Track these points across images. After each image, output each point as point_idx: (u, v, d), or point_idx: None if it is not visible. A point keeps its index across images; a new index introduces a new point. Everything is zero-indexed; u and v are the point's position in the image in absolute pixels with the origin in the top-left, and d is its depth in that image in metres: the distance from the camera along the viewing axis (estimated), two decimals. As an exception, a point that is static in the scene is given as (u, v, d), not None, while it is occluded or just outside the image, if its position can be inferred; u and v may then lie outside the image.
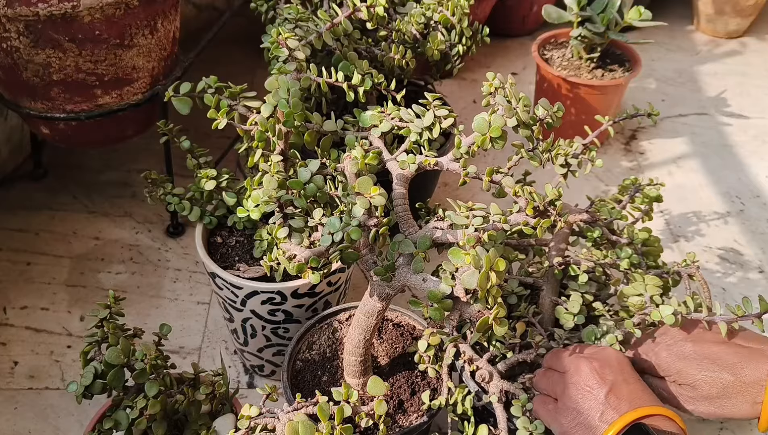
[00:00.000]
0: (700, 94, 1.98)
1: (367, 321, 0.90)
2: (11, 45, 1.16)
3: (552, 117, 0.90)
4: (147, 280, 1.41)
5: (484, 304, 0.75)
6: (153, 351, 0.88)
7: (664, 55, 2.14)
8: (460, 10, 1.28)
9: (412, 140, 0.92)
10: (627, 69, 1.67)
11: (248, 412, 0.81)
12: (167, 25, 1.29)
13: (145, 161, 1.68)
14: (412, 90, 1.41)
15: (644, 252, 1.06)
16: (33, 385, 1.23)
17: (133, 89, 1.29)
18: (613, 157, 1.74)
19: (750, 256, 1.49)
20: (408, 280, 0.82)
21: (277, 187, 0.86)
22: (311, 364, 1.03)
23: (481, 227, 0.79)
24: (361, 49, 1.23)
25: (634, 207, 1.11)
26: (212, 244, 1.15)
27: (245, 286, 1.06)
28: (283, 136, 0.94)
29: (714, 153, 1.77)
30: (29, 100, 1.26)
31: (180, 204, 1.14)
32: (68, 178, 1.63)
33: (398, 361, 1.03)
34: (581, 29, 1.59)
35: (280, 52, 1.02)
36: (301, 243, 0.84)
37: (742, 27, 2.19)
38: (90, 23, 1.16)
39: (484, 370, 0.91)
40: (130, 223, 1.53)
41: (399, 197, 0.86)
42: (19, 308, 1.35)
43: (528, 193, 0.86)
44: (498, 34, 2.12)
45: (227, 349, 1.30)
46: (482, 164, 1.72)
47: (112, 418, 0.86)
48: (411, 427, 0.94)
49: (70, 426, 1.17)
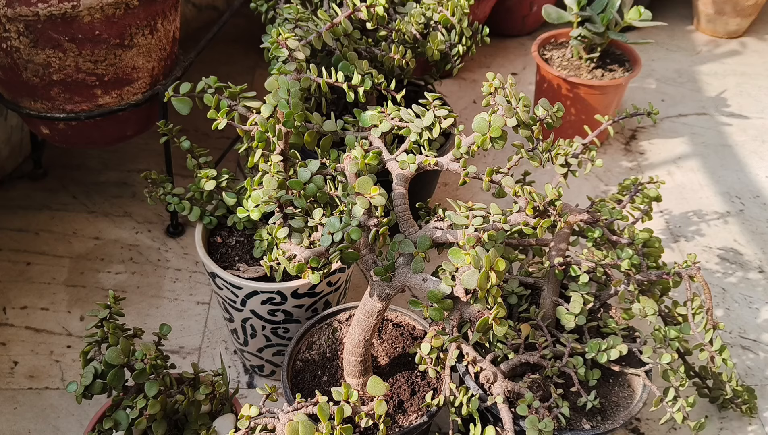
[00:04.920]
0: (700, 94, 1.98)
1: (367, 321, 0.90)
2: (11, 45, 1.16)
3: (552, 117, 0.90)
4: (147, 280, 1.41)
5: (484, 304, 0.75)
6: (153, 351, 0.88)
7: (664, 55, 2.14)
8: (460, 10, 1.28)
9: (412, 140, 0.92)
10: (627, 69, 1.67)
11: (248, 412, 0.81)
12: (167, 25, 1.29)
13: (145, 161, 1.68)
14: (412, 90, 1.41)
15: (645, 253, 1.06)
16: (33, 385, 1.23)
17: (133, 89, 1.29)
18: (613, 157, 1.74)
19: (750, 256, 1.49)
20: (408, 280, 0.82)
21: (277, 187, 0.86)
22: (311, 364, 1.03)
23: (481, 227, 0.79)
24: (361, 49, 1.23)
25: (634, 207, 1.11)
26: (212, 244, 1.15)
27: (245, 286, 1.06)
28: (283, 137, 0.94)
29: (714, 153, 1.77)
30: (29, 100, 1.26)
31: (180, 204, 1.14)
32: (68, 178, 1.63)
33: (398, 361, 1.03)
34: (581, 29, 1.59)
35: (280, 53, 1.02)
36: (301, 243, 0.84)
37: (742, 27, 2.19)
38: (90, 23, 1.16)
39: (489, 371, 0.91)
40: (130, 223, 1.53)
41: (399, 197, 0.86)
42: (19, 308, 1.35)
43: (528, 193, 0.86)
44: (498, 34, 2.12)
45: (227, 349, 1.30)
46: (482, 164, 1.72)
47: (112, 418, 0.86)
48: (411, 427, 0.93)
49: (70, 426, 1.17)
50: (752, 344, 1.32)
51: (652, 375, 1.01)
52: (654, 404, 0.96)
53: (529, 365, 1.00)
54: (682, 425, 1.18)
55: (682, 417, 0.95)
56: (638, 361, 1.03)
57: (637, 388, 1.02)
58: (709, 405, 1.20)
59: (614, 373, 1.04)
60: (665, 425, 1.18)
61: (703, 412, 1.19)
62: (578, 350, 0.98)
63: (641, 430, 1.18)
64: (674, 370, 0.98)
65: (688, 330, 1.01)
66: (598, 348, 0.96)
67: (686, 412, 0.95)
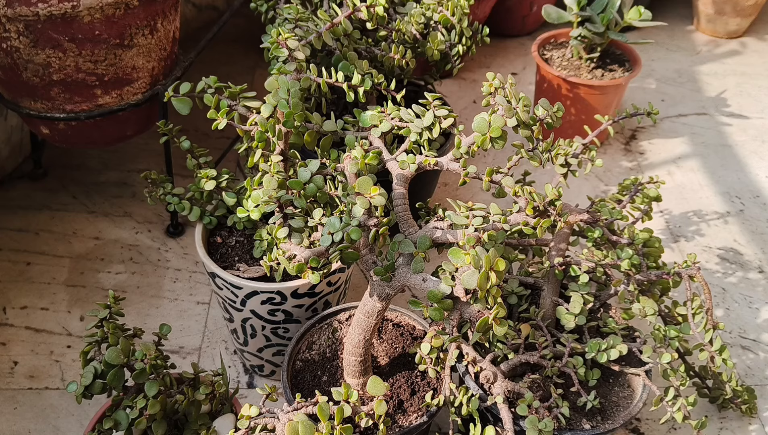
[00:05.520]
0: (700, 94, 1.98)
1: (367, 321, 0.90)
2: (11, 45, 1.16)
3: (552, 117, 0.90)
4: (147, 280, 1.41)
5: (484, 304, 0.75)
6: (153, 351, 0.88)
7: (664, 55, 2.14)
8: (460, 10, 1.28)
9: (412, 140, 0.92)
10: (627, 69, 1.67)
11: (248, 412, 0.81)
12: (167, 25, 1.29)
13: (145, 161, 1.68)
14: (412, 90, 1.41)
15: (645, 253, 1.06)
16: (33, 385, 1.23)
17: (133, 89, 1.29)
18: (613, 157, 1.74)
19: (750, 256, 1.49)
20: (408, 280, 0.82)
21: (277, 187, 0.86)
22: (311, 364, 1.03)
23: (481, 227, 0.79)
24: (361, 49, 1.23)
25: (634, 207, 1.11)
26: (212, 244, 1.15)
27: (245, 286, 1.06)
28: (283, 137, 0.94)
29: (714, 153, 1.77)
30: (29, 100, 1.26)
31: (180, 204, 1.14)
32: (68, 178, 1.63)
33: (398, 361, 1.03)
34: (581, 29, 1.59)
35: (280, 53, 1.02)
36: (301, 243, 0.84)
37: (742, 27, 2.19)
38: (90, 23, 1.16)
39: (488, 371, 0.91)
40: (130, 223, 1.53)
41: (399, 197, 0.86)
42: (19, 308, 1.35)
43: (528, 193, 0.86)
44: (498, 34, 2.12)
45: (227, 349, 1.30)
46: (482, 164, 1.72)
47: (112, 418, 0.86)
48: (411, 427, 0.93)
49: (70, 426, 1.17)
50: (752, 344, 1.32)
51: (652, 375, 1.01)
52: (654, 404, 0.96)
53: (529, 365, 1.00)
54: (682, 425, 1.18)
55: (683, 416, 0.94)
56: (638, 360, 1.03)
57: (637, 388, 1.02)
58: (709, 405, 1.20)
59: (614, 373, 1.04)
60: (665, 425, 1.18)
61: (703, 412, 1.19)
62: (578, 350, 0.98)
63: (641, 430, 1.18)
64: (674, 370, 0.98)
65: (688, 330, 1.01)
66: (598, 348, 0.96)
67: (687, 411, 0.95)
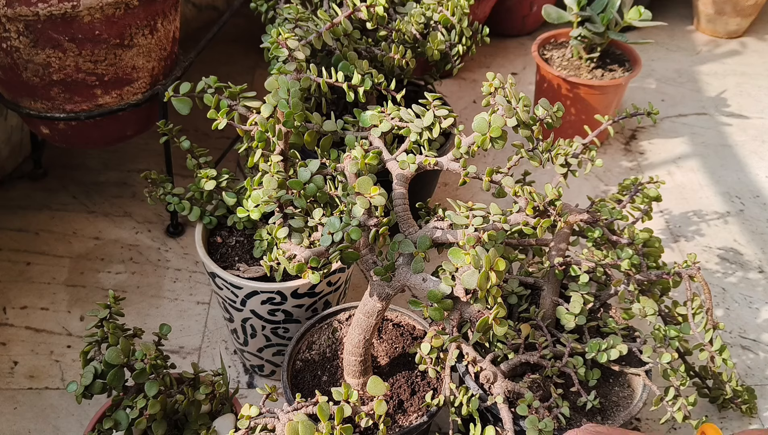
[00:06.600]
0: (700, 94, 1.98)
1: (367, 321, 0.90)
2: (11, 45, 1.16)
3: (552, 117, 0.91)
4: (147, 280, 1.41)
5: (484, 304, 0.75)
6: (153, 351, 0.88)
7: (664, 55, 2.14)
8: (460, 10, 1.28)
9: (412, 140, 0.92)
10: (627, 69, 1.67)
11: (248, 412, 0.81)
12: (167, 25, 1.29)
13: (145, 161, 1.68)
14: (412, 90, 1.41)
15: (645, 253, 1.06)
16: (33, 385, 1.23)
17: (133, 89, 1.29)
18: (613, 157, 1.74)
19: (750, 256, 1.49)
20: (408, 280, 0.82)
21: (277, 187, 0.86)
22: (311, 364, 1.03)
23: (481, 227, 0.79)
24: (361, 49, 1.23)
25: (634, 207, 1.11)
26: (212, 244, 1.15)
27: (245, 286, 1.06)
28: (283, 137, 0.94)
29: (714, 153, 1.77)
30: (29, 100, 1.26)
31: (180, 204, 1.14)
32: (68, 178, 1.63)
33: (398, 361, 1.03)
34: (581, 29, 1.59)
35: (280, 52, 1.02)
36: (301, 243, 0.84)
37: (742, 27, 2.19)
38: (90, 23, 1.16)
39: (489, 371, 0.91)
40: (130, 223, 1.53)
41: (399, 197, 0.86)
42: (19, 308, 1.35)
43: (528, 193, 0.86)
44: (498, 34, 2.12)
45: (227, 349, 1.30)
46: (482, 164, 1.72)
47: (112, 418, 0.86)
48: (411, 427, 0.93)
49: (70, 426, 1.17)
50: (752, 344, 1.32)
51: (652, 375, 1.01)
52: (654, 404, 0.96)
53: (529, 365, 1.00)
54: (683, 425, 1.18)
55: (683, 416, 0.95)
56: (638, 360, 1.03)
57: (637, 387, 1.02)
58: (709, 405, 1.20)
59: (614, 372, 1.04)
60: (665, 425, 1.18)
61: (703, 412, 1.19)
62: (578, 350, 0.98)
63: (641, 430, 1.18)
64: (674, 370, 0.98)
65: (688, 330, 1.01)
66: (598, 348, 0.96)
67: (687, 411, 0.95)
